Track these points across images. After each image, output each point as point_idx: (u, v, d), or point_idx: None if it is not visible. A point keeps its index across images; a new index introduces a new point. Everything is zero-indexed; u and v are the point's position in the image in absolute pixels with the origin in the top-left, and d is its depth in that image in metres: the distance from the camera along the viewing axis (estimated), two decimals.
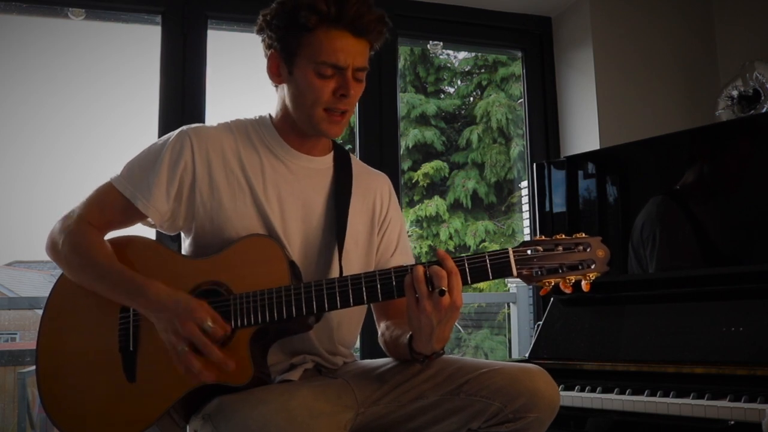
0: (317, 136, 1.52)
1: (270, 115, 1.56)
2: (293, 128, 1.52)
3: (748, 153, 2.14)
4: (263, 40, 1.50)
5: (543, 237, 1.33)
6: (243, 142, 1.52)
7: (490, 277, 1.30)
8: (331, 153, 1.60)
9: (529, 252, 1.30)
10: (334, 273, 1.48)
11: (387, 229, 1.62)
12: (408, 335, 1.38)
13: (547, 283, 1.30)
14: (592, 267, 1.29)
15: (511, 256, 1.30)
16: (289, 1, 1.43)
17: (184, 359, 1.28)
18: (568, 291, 1.30)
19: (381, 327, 1.56)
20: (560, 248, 1.30)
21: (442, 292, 1.26)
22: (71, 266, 1.42)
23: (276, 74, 1.49)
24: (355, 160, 1.65)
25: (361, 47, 1.43)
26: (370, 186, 1.63)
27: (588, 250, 1.30)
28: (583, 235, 1.32)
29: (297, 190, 1.51)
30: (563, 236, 1.32)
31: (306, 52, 1.42)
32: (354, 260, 1.54)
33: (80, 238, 1.41)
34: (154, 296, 1.32)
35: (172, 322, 1.29)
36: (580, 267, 1.29)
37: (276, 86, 1.54)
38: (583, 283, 1.30)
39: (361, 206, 1.59)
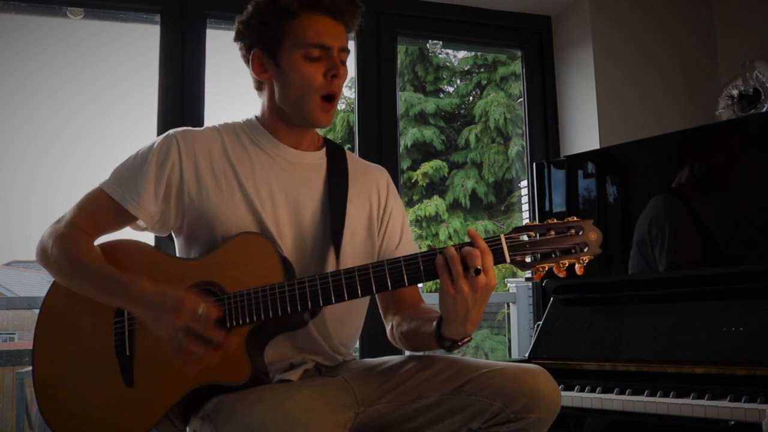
0: (307, 126, 1.53)
1: (255, 116, 1.58)
2: (281, 122, 1.53)
3: (747, 152, 2.13)
4: (242, 47, 1.53)
5: (535, 222, 1.32)
6: (231, 141, 1.52)
7: None
8: (324, 149, 1.60)
9: (521, 238, 1.29)
10: (330, 268, 1.47)
11: (389, 221, 1.62)
12: (434, 323, 1.36)
13: (540, 269, 1.29)
14: (585, 250, 1.29)
15: (504, 243, 1.29)
16: None
17: (184, 348, 1.25)
18: (562, 275, 1.29)
19: (393, 321, 1.55)
20: (552, 233, 1.29)
21: (477, 272, 1.24)
22: (61, 270, 1.41)
23: (262, 72, 1.51)
24: (351, 155, 1.65)
25: (340, 30, 1.48)
26: (368, 180, 1.62)
27: (580, 233, 1.29)
28: (575, 218, 1.31)
29: (289, 185, 1.51)
30: (555, 221, 1.31)
31: (291, 40, 1.45)
32: (349, 255, 1.53)
33: (69, 241, 1.40)
34: (138, 294, 1.31)
35: (163, 317, 1.27)
36: (573, 251, 1.28)
37: (259, 91, 1.56)
38: (577, 266, 1.29)
39: (358, 201, 1.58)
